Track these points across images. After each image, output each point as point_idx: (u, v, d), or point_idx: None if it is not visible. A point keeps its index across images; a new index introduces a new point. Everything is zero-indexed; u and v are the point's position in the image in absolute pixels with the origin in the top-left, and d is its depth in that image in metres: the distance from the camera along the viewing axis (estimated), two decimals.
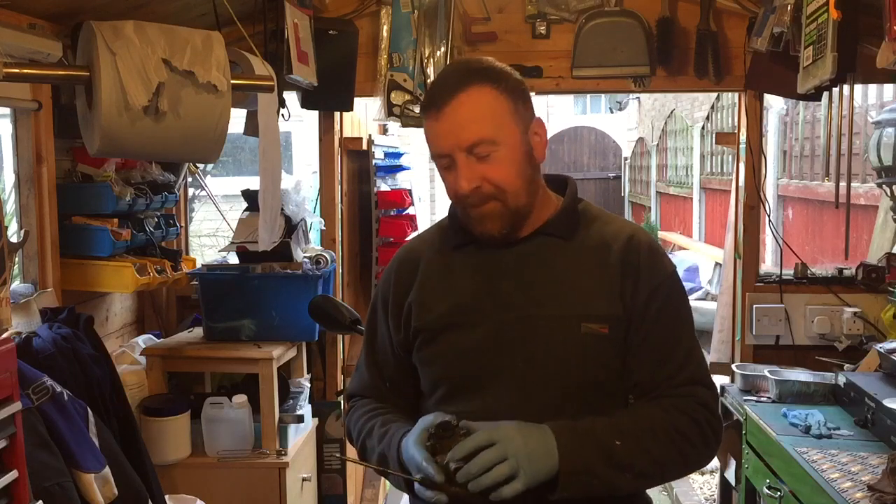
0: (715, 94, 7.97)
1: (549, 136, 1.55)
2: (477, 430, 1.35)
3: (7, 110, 2.53)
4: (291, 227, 3.06)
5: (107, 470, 1.98)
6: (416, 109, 3.14)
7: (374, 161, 3.83)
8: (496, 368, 1.46)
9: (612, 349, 1.45)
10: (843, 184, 2.87)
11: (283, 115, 2.89)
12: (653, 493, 1.56)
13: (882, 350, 2.64)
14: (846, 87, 2.60)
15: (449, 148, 1.43)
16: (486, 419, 1.39)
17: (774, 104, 6.37)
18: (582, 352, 1.43)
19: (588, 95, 14.70)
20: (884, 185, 3.21)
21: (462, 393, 1.49)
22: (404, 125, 3.21)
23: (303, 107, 3.22)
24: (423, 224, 3.74)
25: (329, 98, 3.18)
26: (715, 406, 1.46)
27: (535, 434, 1.34)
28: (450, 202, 1.53)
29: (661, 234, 10.25)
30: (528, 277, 1.48)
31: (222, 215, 4.32)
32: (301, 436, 3.06)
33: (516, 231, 1.49)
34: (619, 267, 1.46)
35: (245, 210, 3.13)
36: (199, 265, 3.29)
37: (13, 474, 1.55)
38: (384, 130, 4.50)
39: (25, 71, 2.11)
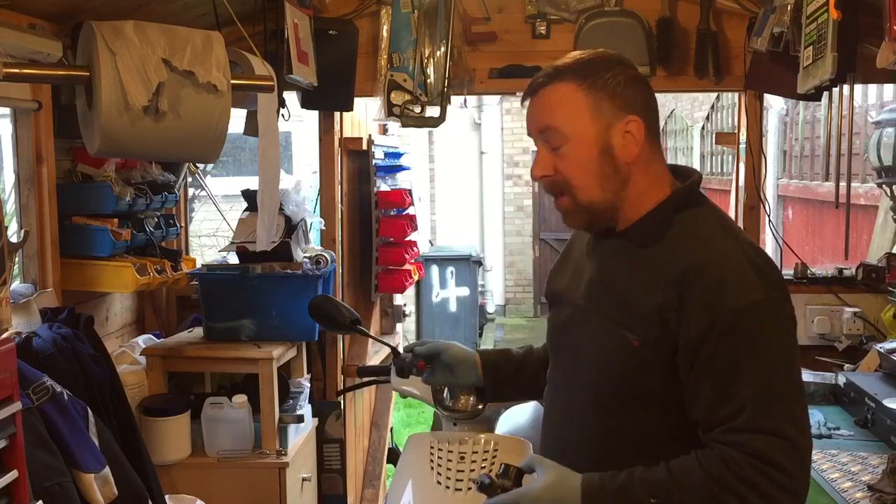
0: (715, 94, 7.96)
1: None
2: (532, 469, 1.45)
3: (7, 110, 2.53)
4: (291, 227, 3.06)
5: (107, 470, 1.98)
6: (417, 109, 3.14)
7: (374, 161, 3.83)
8: (559, 350, 1.62)
9: (638, 363, 1.42)
10: (843, 184, 2.86)
11: (283, 115, 2.89)
12: None
13: (882, 350, 2.65)
14: (846, 87, 2.60)
15: (529, 132, 1.53)
16: (551, 397, 1.62)
17: (774, 104, 6.36)
18: (613, 356, 1.46)
19: None
20: (884, 185, 3.22)
21: (551, 365, 1.67)
22: (404, 125, 3.21)
23: (303, 107, 3.22)
24: (423, 224, 3.73)
25: (329, 98, 3.18)
26: (780, 457, 1.31)
27: (562, 496, 1.40)
28: None
29: None
30: (600, 274, 1.53)
31: (222, 215, 4.32)
32: (301, 436, 3.06)
33: (601, 225, 1.52)
34: (671, 292, 1.39)
35: (245, 210, 3.13)
36: (199, 265, 3.29)
37: (13, 474, 1.55)
38: (384, 130, 4.49)
39: (25, 71, 2.11)
